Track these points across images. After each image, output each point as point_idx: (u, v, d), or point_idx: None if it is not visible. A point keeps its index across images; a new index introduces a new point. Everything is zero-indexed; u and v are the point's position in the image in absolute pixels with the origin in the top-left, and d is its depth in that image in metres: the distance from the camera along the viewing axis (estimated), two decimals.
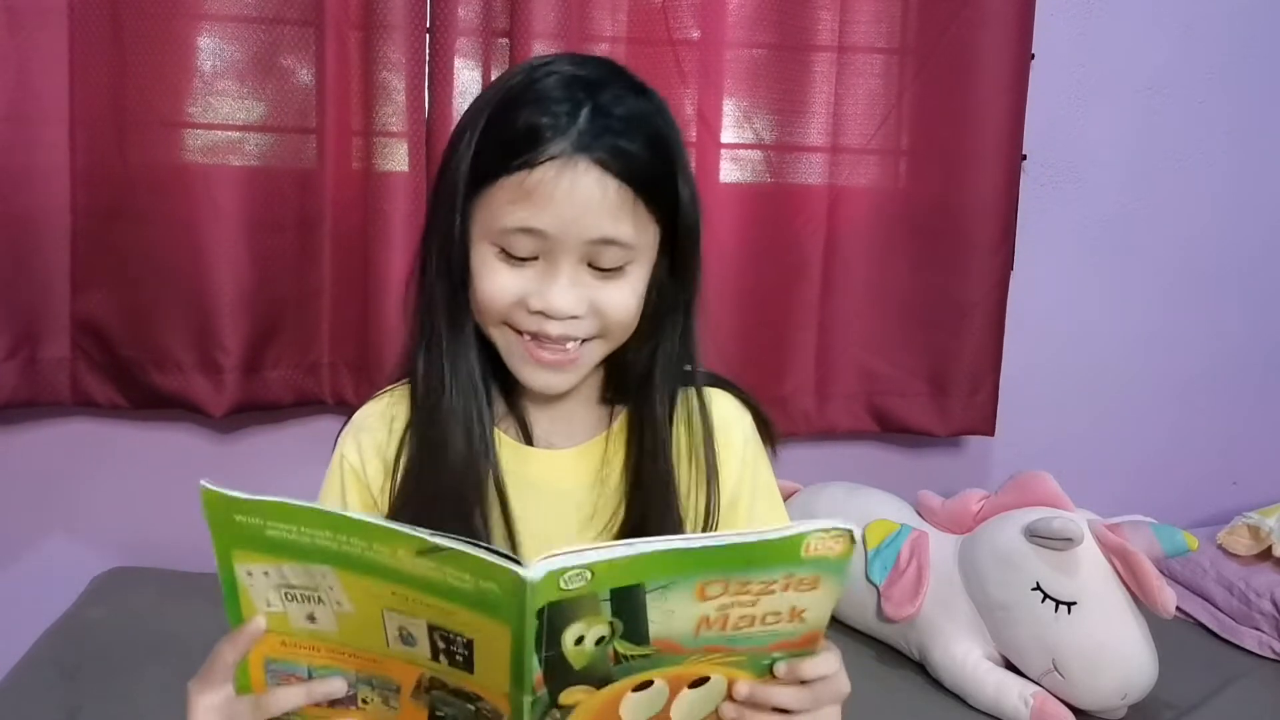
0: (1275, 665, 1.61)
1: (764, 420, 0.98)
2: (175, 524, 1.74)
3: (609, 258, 0.83)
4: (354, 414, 0.98)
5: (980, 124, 1.76)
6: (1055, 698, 1.42)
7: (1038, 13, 1.76)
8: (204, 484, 0.67)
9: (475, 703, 0.68)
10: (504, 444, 0.93)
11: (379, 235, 1.65)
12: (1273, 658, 1.63)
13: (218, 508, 0.67)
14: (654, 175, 0.83)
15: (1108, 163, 1.92)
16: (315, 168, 1.65)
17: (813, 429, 1.84)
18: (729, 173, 1.77)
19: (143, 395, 1.68)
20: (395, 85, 1.63)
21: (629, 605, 0.65)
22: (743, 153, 1.77)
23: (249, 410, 1.72)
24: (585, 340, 0.86)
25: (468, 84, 1.66)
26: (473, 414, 0.90)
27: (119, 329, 1.65)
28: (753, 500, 0.96)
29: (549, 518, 0.92)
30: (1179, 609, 1.59)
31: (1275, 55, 1.93)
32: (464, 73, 1.66)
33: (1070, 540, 1.41)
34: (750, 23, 1.73)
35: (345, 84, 1.63)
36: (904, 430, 1.87)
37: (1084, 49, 1.87)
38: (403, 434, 0.92)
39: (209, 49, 1.62)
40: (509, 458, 0.92)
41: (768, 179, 1.78)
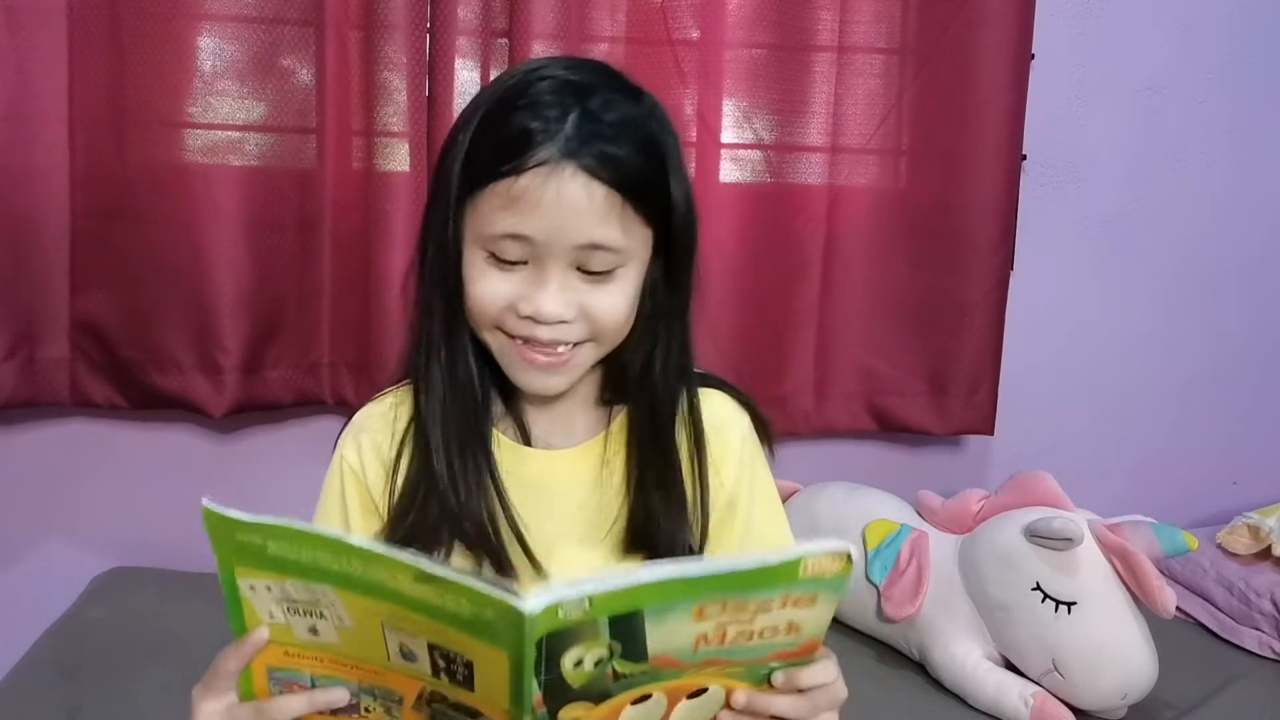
0: (1275, 665, 1.61)
1: (761, 421, 0.98)
2: (175, 524, 1.74)
3: (598, 262, 0.83)
4: (354, 415, 0.98)
5: (980, 124, 1.76)
6: (1055, 698, 1.42)
7: (1038, 13, 1.76)
8: (205, 504, 0.67)
9: (476, 717, 0.68)
10: (502, 445, 0.93)
11: (379, 235, 1.65)
12: (1273, 658, 1.63)
13: (219, 527, 0.67)
14: (644, 180, 0.83)
15: (1108, 163, 1.92)
16: (315, 168, 1.65)
17: (812, 428, 1.84)
18: (729, 173, 1.77)
19: (142, 395, 1.68)
20: (396, 85, 1.63)
21: (628, 629, 0.64)
22: (743, 153, 1.77)
23: (249, 410, 1.72)
24: (577, 344, 0.86)
25: (468, 84, 1.66)
26: (471, 415, 0.91)
27: (118, 329, 1.65)
28: (751, 501, 0.96)
29: (551, 518, 0.92)
30: (1179, 609, 1.59)
31: (1275, 55, 1.93)
32: (464, 73, 1.66)
33: (1070, 540, 1.41)
34: (750, 23, 1.72)
35: (345, 84, 1.63)
36: (903, 430, 1.87)
37: (1084, 49, 1.87)
38: (403, 435, 0.92)
39: (209, 49, 1.62)
40: (508, 458, 0.92)
41: (768, 179, 1.78)
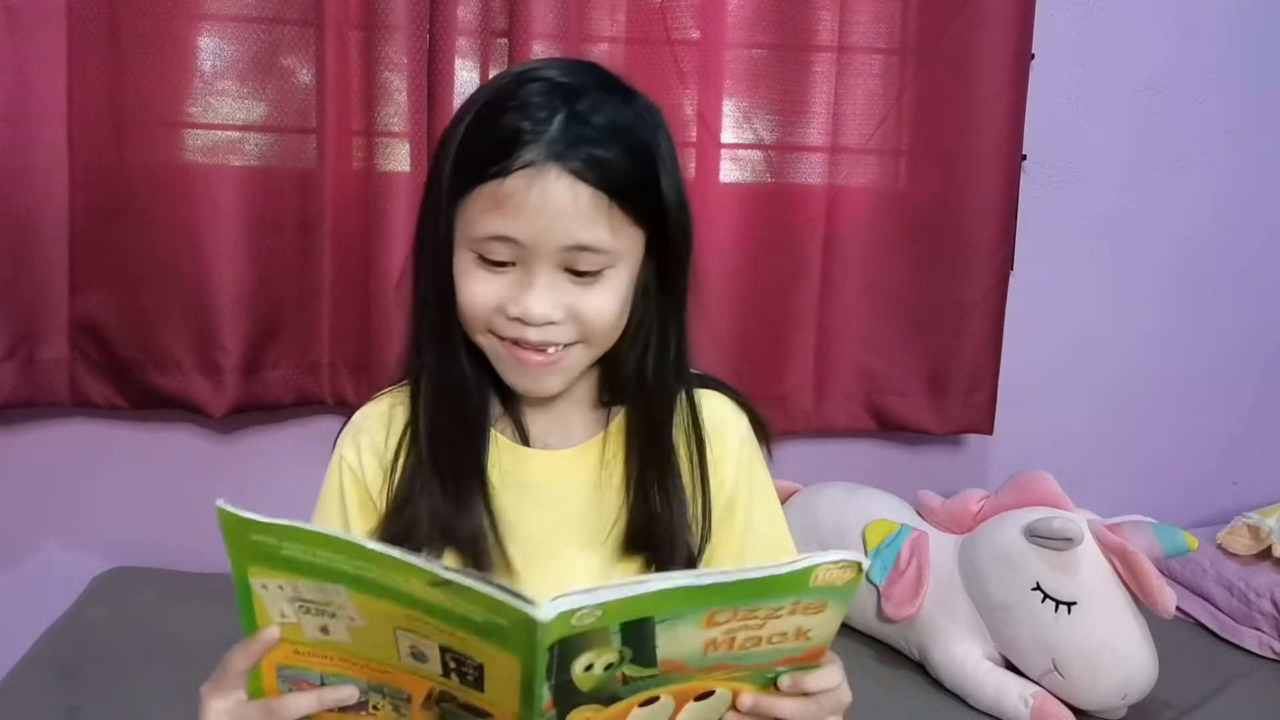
0: (1275, 665, 1.61)
1: (760, 421, 0.98)
2: (175, 524, 1.75)
3: (585, 263, 0.83)
4: (353, 415, 0.98)
5: (980, 124, 1.76)
6: (1055, 698, 1.42)
7: (1038, 13, 1.76)
8: (220, 505, 0.67)
9: (485, 717, 0.68)
10: (501, 445, 0.93)
11: (379, 235, 1.65)
12: (1273, 658, 1.62)
13: (234, 527, 0.67)
14: (632, 182, 0.83)
15: (1108, 163, 1.91)
16: (315, 168, 1.65)
17: (811, 427, 1.84)
18: (729, 173, 1.77)
19: (142, 396, 1.68)
20: (396, 85, 1.63)
21: (639, 635, 0.65)
22: (742, 153, 1.77)
23: (249, 410, 1.72)
24: (567, 345, 0.86)
25: (467, 84, 1.66)
26: (462, 415, 0.91)
27: (118, 329, 1.65)
28: (750, 502, 0.96)
29: (549, 519, 0.92)
30: (1179, 609, 1.59)
31: (1275, 55, 1.93)
32: (464, 73, 1.66)
33: (1070, 540, 1.41)
34: (750, 23, 1.72)
35: (345, 84, 1.63)
36: (902, 429, 1.87)
37: (1084, 49, 1.87)
38: (401, 435, 0.92)
39: (209, 49, 1.62)
40: (507, 458, 0.92)
41: (768, 179, 1.78)
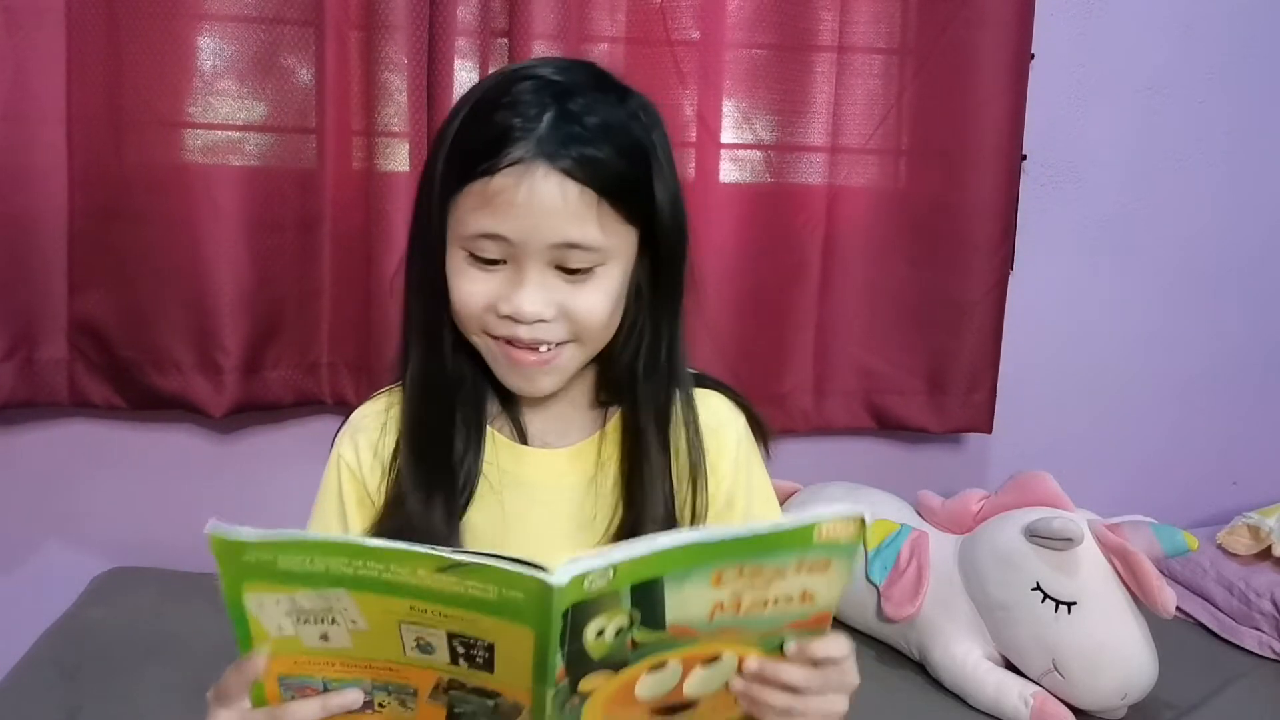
0: (1275, 665, 1.61)
1: (757, 420, 0.98)
2: (175, 524, 1.74)
3: (576, 260, 0.83)
4: (351, 414, 0.98)
5: (980, 124, 1.76)
6: (1055, 698, 1.42)
7: (1038, 13, 1.76)
8: (211, 530, 0.65)
9: (494, 698, 0.69)
10: (499, 443, 0.93)
11: (379, 235, 1.65)
12: (1273, 658, 1.63)
13: (226, 550, 0.66)
14: (623, 180, 0.83)
15: (1108, 163, 1.91)
16: (315, 168, 1.65)
17: (811, 426, 1.84)
18: (729, 173, 1.77)
19: (141, 396, 1.68)
20: (396, 85, 1.63)
21: (647, 596, 0.66)
22: (742, 153, 1.77)
23: (249, 410, 1.72)
24: (560, 344, 0.86)
25: (467, 84, 1.64)
26: (464, 414, 0.91)
27: (117, 329, 1.65)
28: (748, 501, 0.96)
29: (545, 517, 0.92)
30: (1179, 609, 1.59)
31: (1275, 55, 1.93)
32: (463, 73, 1.66)
33: (1070, 540, 1.41)
34: (750, 23, 1.72)
35: (345, 84, 1.63)
36: (901, 428, 1.87)
37: (1084, 49, 1.87)
38: (397, 434, 0.92)
39: (209, 49, 1.61)
40: (504, 456, 0.93)
41: (767, 179, 1.78)
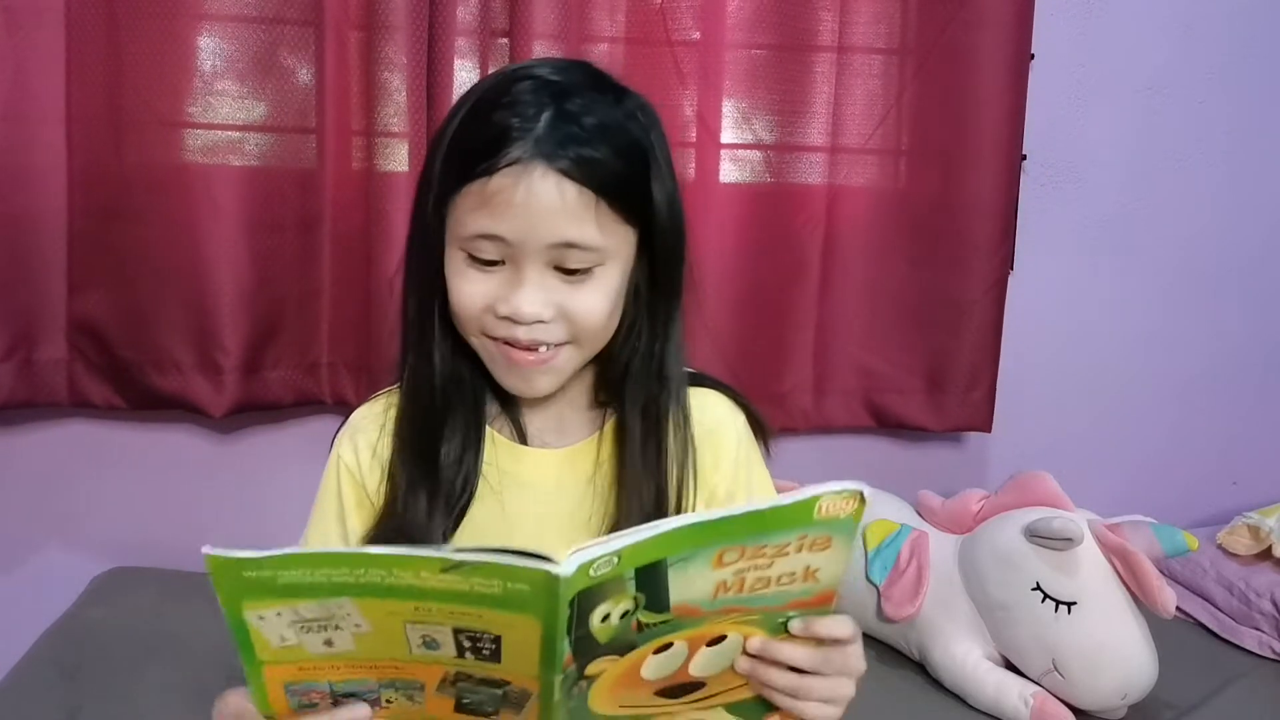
0: (1275, 665, 1.61)
1: (757, 419, 0.98)
2: (175, 524, 1.75)
3: (575, 260, 0.83)
4: (350, 415, 0.98)
5: (980, 124, 1.76)
6: (1055, 698, 1.42)
7: (1037, 13, 1.76)
8: (207, 551, 0.64)
9: (503, 687, 0.69)
10: (498, 443, 0.93)
11: (379, 235, 1.65)
12: (1273, 658, 1.63)
13: (224, 570, 0.65)
14: (620, 180, 0.83)
15: (1108, 163, 1.91)
16: (315, 168, 1.65)
17: (810, 425, 1.85)
18: (729, 173, 1.77)
19: (141, 396, 1.68)
20: (395, 85, 1.63)
21: (652, 579, 0.67)
22: (742, 153, 1.77)
23: (249, 410, 1.72)
24: (558, 345, 0.86)
25: (467, 84, 1.64)
26: (464, 415, 0.91)
27: (117, 330, 1.65)
28: (749, 498, 0.96)
29: (544, 517, 0.92)
30: (1179, 609, 1.59)
31: (1275, 55, 1.93)
32: (463, 73, 1.66)
33: (1070, 540, 1.41)
34: (750, 23, 1.72)
35: (345, 84, 1.63)
36: (900, 426, 1.87)
37: (1084, 49, 1.87)
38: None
39: (208, 49, 1.61)
40: (504, 457, 0.93)
41: (767, 179, 1.78)
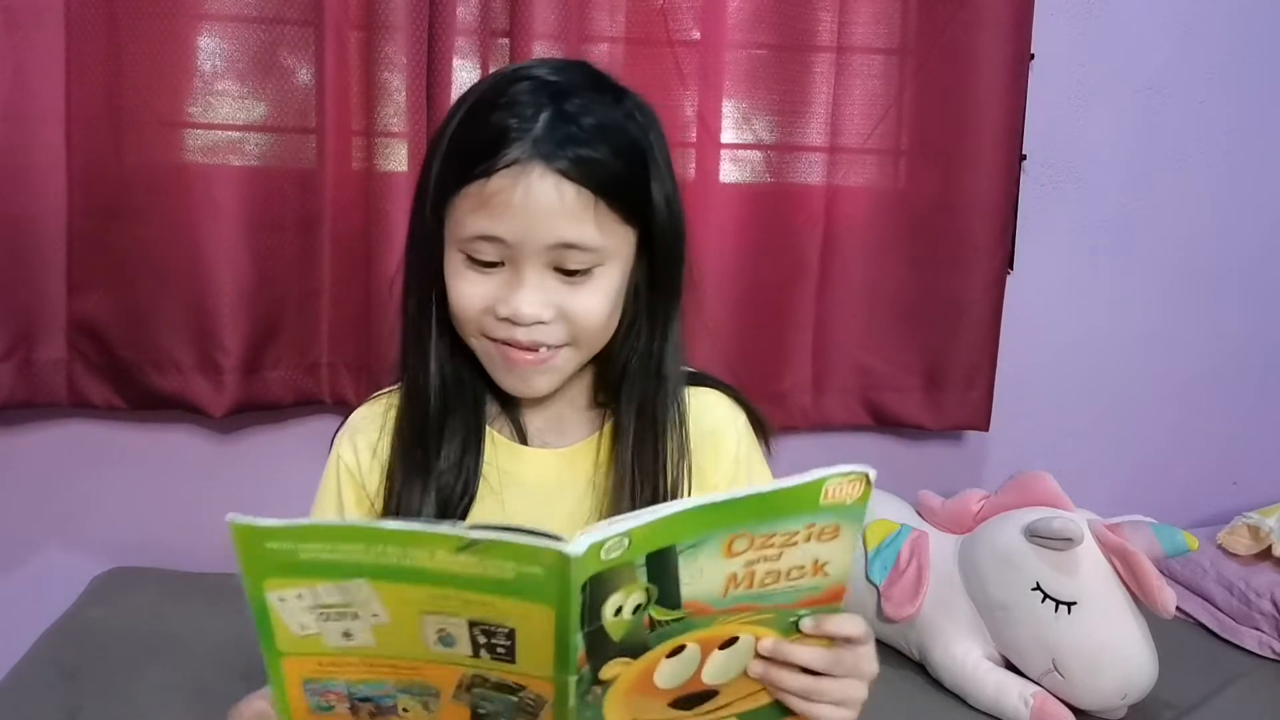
0: (1275, 665, 1.61)
1: (758, 417, 0.99)
2: (175, 524, 1.75)
3: (574, 261, 0.83)
4: (350, 415, 0.98)
5: (979, 124, 1.76)
6: (1055, 698, 1.42)
7: (1037, 13, 1.76)
8: (232, 519, 0.64)
9: (517, 693, 0.69)
10: (498, 443, 0.93)
11: (379, 235, 1.65)
12: (1273, 658, 1.63)
13: (248, 539, 0.65)
14: (619, 180, 0.83)
15: (1108, 163, 1.91)
16: (315, 168, 1.65)
17: (809, 423, 1.85)
18: (728, 173, 1.77)
19: (141, 396, 1.67)
20: (395, 85, 1.63)
21: (662, 569, 0.67)
22: (742, 153, 1.77)
23: (249, 410, 1.72)
24: (557, 346, 0.86)
25: (467, 84, 1.63)
26: (463, 415, 0.91)
27: (116, 330, 1.65)
28: None
29: (544, 517, 0.92)
30: (1179, 609, 1.59)
31: (1275, 55, 1.93)
32: (463, 73, 1.66)
33: (1070, 540, 1.41)
34: (750, 24, 1.72)
35: (345, 84, 1.63)
36: (898, 424, 1.87)
37: (1084, 49, 1.87)
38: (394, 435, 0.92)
39: (209, 49, 1.61)
40: (504, 457, 0.93)
41: (767, 179, 1.78)
